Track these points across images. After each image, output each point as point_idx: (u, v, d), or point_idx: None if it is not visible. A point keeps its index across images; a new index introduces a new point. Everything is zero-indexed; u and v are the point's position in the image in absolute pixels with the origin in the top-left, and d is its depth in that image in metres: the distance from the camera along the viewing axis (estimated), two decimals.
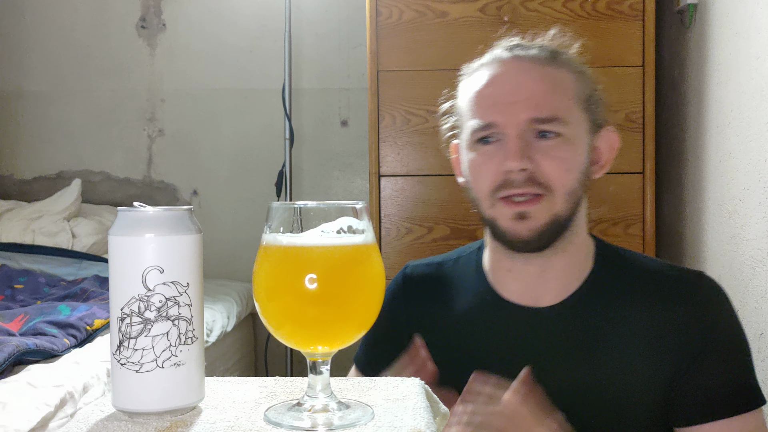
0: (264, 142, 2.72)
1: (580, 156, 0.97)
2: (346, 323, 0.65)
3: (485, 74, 1.00)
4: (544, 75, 0.97)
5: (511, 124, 0.94)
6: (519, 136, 0.94)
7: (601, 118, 1.02)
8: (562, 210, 0.95)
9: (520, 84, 0.96)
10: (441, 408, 0.76)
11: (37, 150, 2.81)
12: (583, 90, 1.00)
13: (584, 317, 1.00)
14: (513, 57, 1.00)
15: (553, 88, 0.96)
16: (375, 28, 1.90)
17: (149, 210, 0.64)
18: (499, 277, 1.04)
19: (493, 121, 0.96)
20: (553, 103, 0.95)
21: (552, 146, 0.94)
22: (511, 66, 0.99)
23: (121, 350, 0.62)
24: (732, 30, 1.61)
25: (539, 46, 1.01)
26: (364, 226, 0.65)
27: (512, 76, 0.98)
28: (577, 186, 0.96)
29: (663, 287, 1.00)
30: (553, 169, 0.94)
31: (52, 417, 1.18)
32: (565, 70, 0.99)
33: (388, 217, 1.91)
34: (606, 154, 1.02)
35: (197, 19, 2.76)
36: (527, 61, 0.99)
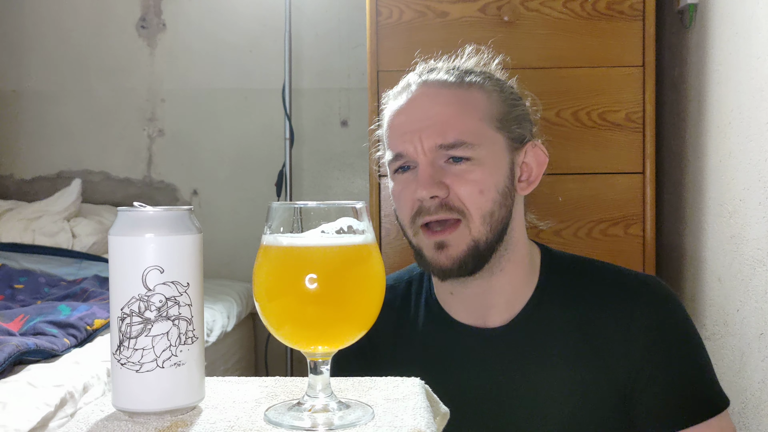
0: (264, 142, 2.72)
1: (496, 177, 0.95)
2: (346, 323, 0.65)
3: (398, 102, 1.00)
4: (451, 99, 0.96)
5: (419, 152, 0.95)
6: (429, 164, 0.94)
7: (523, 133, 1.00)
8: (481, 234, 0.94)
9: (426, 111, 0.96)
10: (441, 408, 0.76)
11: (37, 150, 2.81)
12: (497, 108, 0.98)
13: (535, 335, 0.99)
14: (421, 83, 0.99)
15: (460, 111, 0.95)
16: (375, 28, 1.90)
17: (149, 210, 0.64)
18: (445, 299, 1.04)
19: (403, 151, 0.96)
20: (460, 128, 0.94)
21: (464, 170, 0.94)
22: (419, 93, 0.98)
23: (122, 350, 0.62)
24: (732, 30, 1.61)
25: (449, 69, 1.00)
26: (364, 226, 0.65)
27: (418, 103, 0.98)
28: (495, 207, 0.95)
29: (612, 296, 0.99)
30: (467, 192, 0.93)
31: (53, 417, 1.18)
32: (475, 90, 0.98)
33: (388, 217, 1.91)
34: (536, 170, 1.01)
35: (197, 19, 2.76)
36: (435, 87, 0.98)
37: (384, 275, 0.67)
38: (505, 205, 0.96)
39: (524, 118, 1.01)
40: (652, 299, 0.98)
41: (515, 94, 1.02)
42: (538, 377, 0.97)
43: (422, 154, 0.95)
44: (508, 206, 0.97)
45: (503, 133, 0.97)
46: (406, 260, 1.92)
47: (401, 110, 0.99)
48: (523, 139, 1.00)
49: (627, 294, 0.98)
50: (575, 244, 1.86)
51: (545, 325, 0.99)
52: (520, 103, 1.02)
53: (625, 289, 0.99)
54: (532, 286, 1.01)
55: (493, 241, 0.95)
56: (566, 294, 1.00)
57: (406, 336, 1.06)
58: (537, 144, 1.01)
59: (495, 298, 1.00)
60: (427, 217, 0.94)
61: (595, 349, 0.97)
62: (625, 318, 0.97)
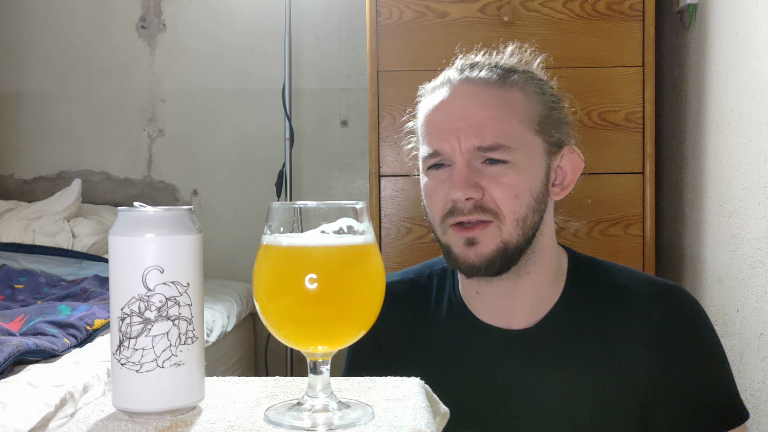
0: (264, 142, 2.72)
1: (531, 181, 0.94)
2: (346, 323, 0.65)
3: (436, 98, 0.98)
4: (492, 99, 0.94)
5: (456, 152, 0.93)
6: (466, 164, 0.93)
7: (561, 137, 0.98)
8: (511, 237, 0.93)
9: (466, 111, 0.94)
10: (441, 408, 0.76)
11: (37, 150, 2.81)
12: (537, 111, 0.96)
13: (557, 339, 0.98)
14: (461, 80, 0.97)
15: (500, 113, 0.94)
16: (375, 29, 1.90)
17: (149, 210, 0.64)
18: (470, 298, 1.03)
19: (439, 149, 0.95)
20: (499, 130, 0.92)
21: (499, 173, 0.92)
22: (458, 91, 0.96)
23: (122, 350, 0.62)
24: (732, 30, 1.61)
25: (491, 66, 0.98)
26: (364, 227, 0.65)
27: (458, 102, 0.96)
28: (528, 212, 0.94)
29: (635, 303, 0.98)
30: (501, 196, 0.92)
31: (53, 417, 1.18)
32: (516, 91, 0.96)
33: (388, 217, 1.91)
34: (570, 175, 1.00)
35: (197, 20, 2.76)
36: (475, 85, 0.96)
37: (384, 275, 0.67)
38: (538, 211, 0.95)
39: (563, 121, 0.99)
40: (677, 307, 0.97)
41: (555, 96, 1.00)
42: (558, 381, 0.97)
43: (459, 154, 0.93)
44: (541, 211, 0.96)
45: (542, 136, 0.96)
46: (406, 260, 1.92)
47: (440, 106, 0.97)
48: (561, 143, 0.98)
49: (652, 302, 0.98)
50: (575, 244, 1.85)
51: (569, 329, 0.98)
52: (559, 105, 1.00)
53: (650, 297, 0.98)
54: (558, 290, 1.00)
55: (522, 244, 0.95)
56: (591, 300, 1.00)
57: (425, 331, 1.05)
58: (574, 149, 1.00)
59: (520, 301, 1.00)
60: (459, 218, 0.93)
61: (616, 355, 0.96)
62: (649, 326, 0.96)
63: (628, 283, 1.01)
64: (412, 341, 1.06)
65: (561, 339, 0.98)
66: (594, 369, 0.97)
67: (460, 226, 0.94)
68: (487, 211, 0.93)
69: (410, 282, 1.10)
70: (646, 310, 0.97)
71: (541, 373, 0.98)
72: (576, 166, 1.00)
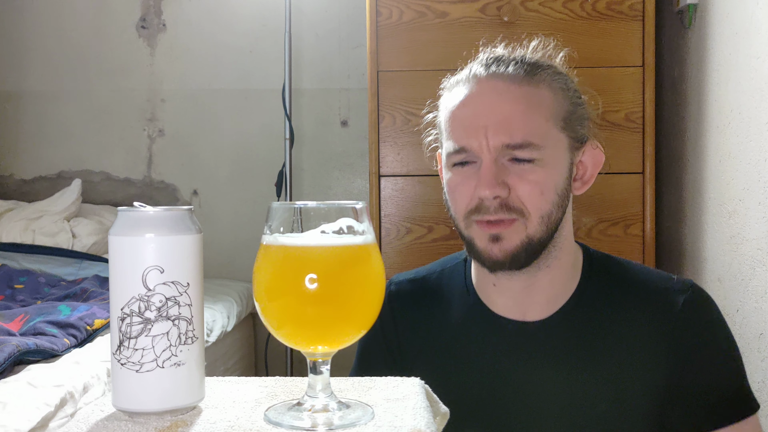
0: (264, 142, 2.72)
1: (556, 178, 0.94)
2: (346, 323, 0.65)
3: (462, 92, 0.97)
4: (519, 96, 0.94)
5: (484, 149, 0.93)
6: (493, 162, 0.92)
7: (584, 133, 0.99)
8: (536, 233, 0.94)
9: (494, 107, 0.94)
10: (441, 408, 0.76)
11: (37, 150, 2.81)
12: (562, 107, 0.96)
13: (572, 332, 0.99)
14: (489, 75, 0.96)
15: (528, 110, 0.93)
16: (375, 29, 1.90)
17: (149, 210, 0.64)
18: (486, 291, 1.04)
19: (466, 146, 0.94)
20: (527, 128, 0.92)
21: (526, 170, 0.93)
22: (485, 87, 0.95)
23: (122, 350, 0.62)
24: (732, 30, 1.61)
25: (517, 61, 0.97)
26: (364, 227, 0.65)
27: (486, 98, 0.95)
28: (553, 208, 0.94)
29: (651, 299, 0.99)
30: (528, 193, 0.92)
31: (53, 417, 1.18)
32: (544, 87, 0.96)
33: (388, 217, 1.91)
34: (590, 170, 1.01)
35: (197, 20, 2.76)
36: (503, 81, 0.95)
37: (384, 275, 0.67)
38: (561, 206, 0.96)
39: (586, 117, 1.00)
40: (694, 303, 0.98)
41: (578, 92, 1.00)
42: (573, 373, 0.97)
43: (487, 151, 0.93)
44: (564, 207, 0.97)
45: (567, 133, 0.96)
46: (406, 260, 1.92)
47: (467, 102, 0.96)
48: (584, 138, 0.99)
49: (667, 297, 0.99)
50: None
51: (584, 323, 0.99)
52: (582, 101, 1.00)
53: (664, 293, 0.99)
54: (574, 284, 1.01)
55: (546, 239, 0.95)
56: (607, 294, 1.00)
57: (438, 327, 1.05)
58: (596, 144, 1.01)
59: (537, 294, 1.00)
60: (486, 216, 0.93)
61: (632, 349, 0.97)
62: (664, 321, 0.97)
63: (642, 279, 1.01)
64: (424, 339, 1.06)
65: (576, 331, 0.99)
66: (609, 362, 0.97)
67: (484, 223, 0.94)
68: (513, 210, 0.93)
69: (421, 280, 1.11)
70: (661, 306, 0.98)
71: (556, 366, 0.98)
72: (597, 161, 1.01)
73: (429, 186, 1.90)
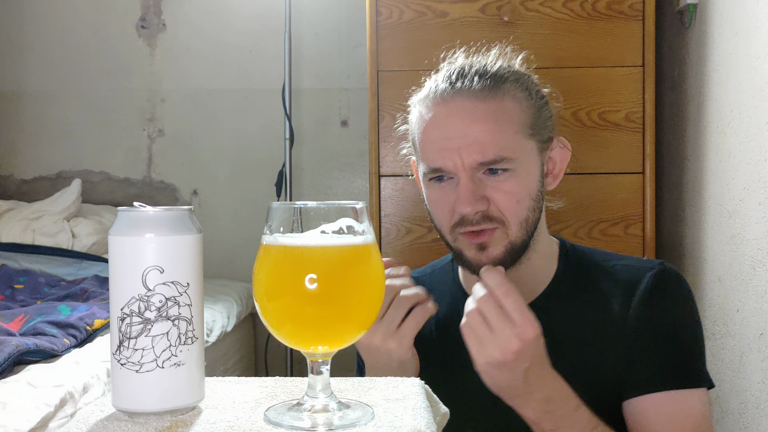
0: (264, 142, 2.72)
1: (530, 184, 0.99)
2: (346, 323, 0.65)
3: (430, 112, 1.00)
4: (487, 113, 0.97)
5: (459, 168, 0.97)
6: (470, 179, 0.97)
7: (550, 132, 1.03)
8: (517, 238, 0.99)
9: (464, 128, 0.97)
10: (441, 408, 0.76)
11: (37, 150, 2.81)
12: (527, 114, 1.00)
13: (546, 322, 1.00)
14: (454, 93, 0.99)
15: (497, 126, 0.97)
16: (375, 28, 1.90)
17: (149, 210, 0.64)
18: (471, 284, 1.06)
19: (442, 167, 0.98)
20: (498, 144, 0.96)
21: (501, 181, 0.97)
22: (452, 107, 0.98)
23: (121, 350, 0.62)
24: (732, 30, 1.61)
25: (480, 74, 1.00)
26: (364, 227, 0.65)
27: (455, 119, 0.98)
28: (529, 213, 0.99)
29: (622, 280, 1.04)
30: (505, 203, 0.97)
31: (52, 417, 1.18)
32: (508, 100, 0.99)
33: (388, 217, 1.91)
34: (559, 164, 1.05)
35: (197, 19, 2.76)
36: (469, 99, 0.98)
37: (384, 276, 0.67)
38: (537, 208, 1.01)
39: (549, 116, 1.04)
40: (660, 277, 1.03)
41: (540, 93, 1.04)
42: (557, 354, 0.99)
43: (463, 170, 0.97)
44: (540, 208, 1.02)
45: (534, 138, 1.00)
46: (406, 260, 1.91)
47: (436, 123, 0.99)
48: (551, 139, 1.03)
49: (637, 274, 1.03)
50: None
51: (559, 312, 1.03)
52: (544, 101, 1.04)
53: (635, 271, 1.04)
54: (551, 273, 1.07)
55: (527, 240, 1.01)
56: (579, 281, 1.06)
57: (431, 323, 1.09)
58: (560, 139, 1.05)
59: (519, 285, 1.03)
60: (469, 227, 0.98)
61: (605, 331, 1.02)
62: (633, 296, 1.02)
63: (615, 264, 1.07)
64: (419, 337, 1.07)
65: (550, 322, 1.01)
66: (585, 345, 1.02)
67: (470, 233, 0.99)
68: (493, 220, 0.98)
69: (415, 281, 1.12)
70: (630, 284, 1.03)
71: None
72: (563, 155, 1.06)
73: None
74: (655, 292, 1.02)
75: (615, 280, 1.05)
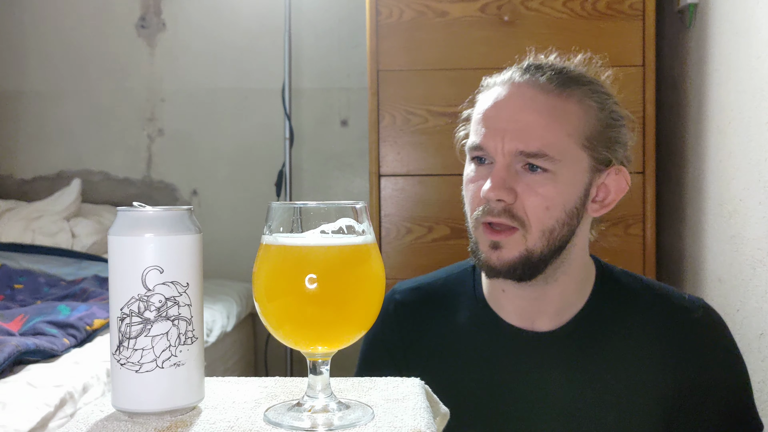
0: (264, 142, 2.72)
1: (567, 196, 0.94)
2: (346, 323, 0.65)
3: (494, 93, 0.98)
4: (546, 106, 0.94)
5: (499, 152, 0.94)
6: (506, 166, 0.93)
7: (610, 156, 0.97)
8: (536, 247, 0.94)
9: (517, 113, 0.94)
10: (441, 408, 0.76)
11: (37, 150, 2.81)
12: (590, 126, 0.95)
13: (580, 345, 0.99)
14: (522, 81, 0.96)
15: (551, 121, 0.93)
16: (375, 28, 1.90)
17: (149, 210, 0.64)
18: (496, 297, 1.04)
19: (483, 145, 0.95)
20: (545, 139, 0.92)
21: (537, 181, 0.93)
22: (515, 92, 0.96)
23: (121, 350, 0.62)
24: (732, 30, 1.61)
25: (554, 71, 0.97)
26: (364, 227, 0.65)
27: (512, 102, 0.95)
28: (556, 225, 0.94)
29: (661, 316, 1.00)
30: (533, 205, 0.92)
31: (52, 417, 1.18)
32: (573, 102, 0.95)
33: (388, 217, 1.91)
34: (613, 195, 0.99)
35: (197, 19, 2.76)
36: (533, 88, 0.95)
37: (384, 275, 0.67)
38: (568, 225, 0.95)
39: (616, 140, 0.98)
40: (704, 322, 0.99)
41: (616, 114, 0.99)
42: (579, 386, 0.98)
43: (501, 154, 0.93)
44: (572, 226, 0.96)
45: (589, 152, 0.95)
46: (406, 260, 1.92)
47: (495, 103, 0.96)
48: (609, 161, 0.97)
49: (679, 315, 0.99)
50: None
51: (593, 334, 0.99)
52: (617, 124, 0.98)
53: (676, 310, 1.00)
54: (584, 298, 1.02)
55: (548, 255, 0.95)
56: (616, 310, 1.01)
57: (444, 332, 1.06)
58: (622, 170, 0.99)
59: (546, 306, 1.00)
60: (489, 217, 0.94)
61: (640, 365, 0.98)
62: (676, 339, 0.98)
63: (653, 296, 1.02)
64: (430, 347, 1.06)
65: (584, 343, 0.99)
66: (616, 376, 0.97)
67: (488, 227, 0.95)
68: (515, 218, 0.93)
69: (426, 287, 1.11)
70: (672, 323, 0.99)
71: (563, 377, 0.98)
72: (620, 187, 0.99)
73: (429, 186, 1.90)
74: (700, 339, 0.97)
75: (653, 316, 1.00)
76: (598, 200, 0.99)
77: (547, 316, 1.00)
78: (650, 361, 0.97)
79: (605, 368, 0.98)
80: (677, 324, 0.98)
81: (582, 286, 1.02)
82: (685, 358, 0.97)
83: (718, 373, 0.97)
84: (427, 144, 1.90)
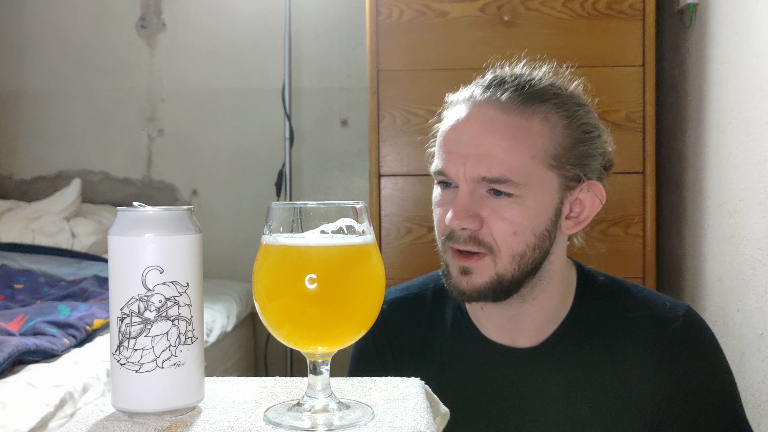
0: (264, 142, 2.72)
1: (535, 219, 0.90)
2: (346, 323, 0.65)
3: (456, 113, 0.94)
4: (508, 128, 0.89)
5: (461, 177, 0.90)
6: (469, 192, 0.90)
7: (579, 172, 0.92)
8: (506, 271, 0.91)
9: (478, 137, 0.90)
10: (441, 408, 0.76)
11: (37, 150, 2.81)
12: (556, 144, 0.90)
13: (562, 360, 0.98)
14: (483, 100, 0.92)
15: (513, 144, 0.89)
16: (375, 28, 1.90)
17: (149, 210, 0.64)
18: (476, 314, 1.03)
19: (446, 170, 0.92)
20: (507, 163, 0.88)
21: (503, 206, 0.89)
22: (477, 112, 0.92)
23: (121, 350, 0.62)
24: (732, 30, 1.61)
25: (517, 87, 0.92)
26: (364, 227, 0.65)
27: (473, 125, 0.91)
28: (527, 250, 0.91)
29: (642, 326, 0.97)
30: (500, 230, 0.89)
31: (52, 417, 1.18)
32: (536, 121, 0.90)
33: (388, 217, 1.91)
34: (588, 210, 0.95)
35: (197, 19, 2.76)
36: (493, 108, 0.91)
37: (384, 276, 0.67)
38: (539, 248, 0.92)
39: (587, 154, 0.93)
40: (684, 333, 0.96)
41: (587, 126, 0.94)
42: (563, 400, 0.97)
43: (464, 180, 0.90)
44: (544, 248, 0.93)
45: (557, 171, 0.91)
46: (406, 260, 1.92)
47: (456, 126, 0.93)
48: (579, 178, 0.92)
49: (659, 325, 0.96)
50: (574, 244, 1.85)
51: (574, 350, 0.98)
52: (588, 137, 0.93)
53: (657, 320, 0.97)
54: (566, 309, 1.00)
55: (520, 277, 0.92)
56: (598, 321, 0.99)
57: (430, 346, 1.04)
58: (594, 184, 0.94)
59: (525, 324, 0.99)
60: (456, 244, 0.92)
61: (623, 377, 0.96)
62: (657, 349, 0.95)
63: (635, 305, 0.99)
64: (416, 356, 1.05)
65: (566, 358, 0.98)
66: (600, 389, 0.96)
67: (456, 252, 0.93)
68: (482, 245, 0.90)
69: (414, 298, 1.09)
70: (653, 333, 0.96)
71: (546, 391, 0.97)
72: (594, 203, 0.95)
73: (429, 186, 1.89)
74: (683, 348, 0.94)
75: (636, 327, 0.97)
76: (573, 216, 0.95)
77: (526, 333, 0.99)
78: (631, 374, 0.95)
79: (587, 383, 0.96)
80: (657, 336, 0.95)
81: (563, 299, 0.99)
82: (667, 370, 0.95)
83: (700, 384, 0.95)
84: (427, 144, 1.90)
